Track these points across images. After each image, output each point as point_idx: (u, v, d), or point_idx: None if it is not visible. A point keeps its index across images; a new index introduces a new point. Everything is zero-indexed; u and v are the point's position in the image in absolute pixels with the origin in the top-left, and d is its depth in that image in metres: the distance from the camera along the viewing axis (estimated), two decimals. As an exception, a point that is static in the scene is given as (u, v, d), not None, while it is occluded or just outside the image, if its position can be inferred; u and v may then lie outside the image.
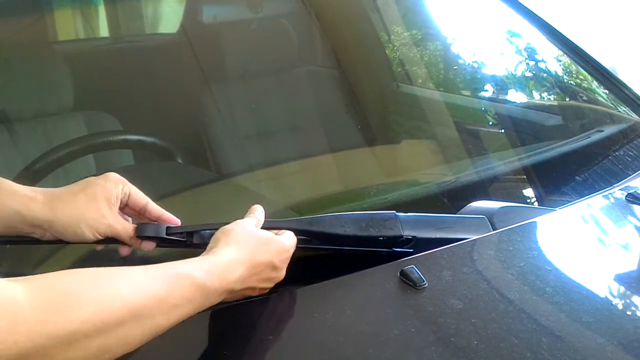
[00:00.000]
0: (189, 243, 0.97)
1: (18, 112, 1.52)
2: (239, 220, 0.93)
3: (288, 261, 0.94)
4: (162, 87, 1.68)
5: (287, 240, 0.95)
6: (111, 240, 0.95)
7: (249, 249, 0.88)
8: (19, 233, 0.93)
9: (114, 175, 0.96)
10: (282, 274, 0.93)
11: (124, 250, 0.98)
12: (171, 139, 1.52)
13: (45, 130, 1.53)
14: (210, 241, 0.90)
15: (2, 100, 1.51)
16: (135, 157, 1.55)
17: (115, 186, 0.95)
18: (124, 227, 0.95)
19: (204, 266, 0.82)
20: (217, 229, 0.92)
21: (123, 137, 1.56)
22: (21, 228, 0.92)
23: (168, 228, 0.97)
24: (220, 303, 0.86)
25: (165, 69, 1.76)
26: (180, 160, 1.53)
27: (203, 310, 0.83)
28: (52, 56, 1.70)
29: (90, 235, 0.92)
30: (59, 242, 0.95)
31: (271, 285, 0.93)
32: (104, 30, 1.94)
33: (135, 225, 0.96)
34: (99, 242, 0.95)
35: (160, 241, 0.97)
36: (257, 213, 0.97)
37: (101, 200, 0.93)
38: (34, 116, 1.55)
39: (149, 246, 0.97)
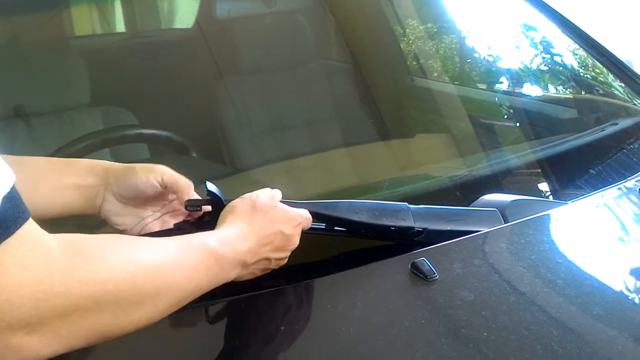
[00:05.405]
0: None
1: (35, 106, 1.54)
2: (246, 195, 0.93)
3: (300, 229, 0.93)
4: (177, 82, 1.70)
5: (295, 209, 0.94)
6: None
7: (255, 223, 0.88)
8: (80, 206, 0.94)
9: None
10: (295, 241, 0.92)
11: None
12: (186, 134, 1.53)
13: (62, 124, 1.55)
14: (219, 219, 0.90)
15: (20, 95, 1.53)
16: (150, 151, 1.57)
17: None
18: (181, 178, 0.96)
19: (213, 236, 0.83)
20: None
21: (138, 131, 1.57)
22: (85, 190, 0.94)
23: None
24: (235, 290, 0.88)
25: (181, 64, 1.77)
26: (195, 155, 1.54)
27: (219, 299, 0.85)
28: (69, 51, 1.72)
29: (144, 177, 0.94)
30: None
31: (286, 254, 0.92)
32: (120, 26, 1.96)
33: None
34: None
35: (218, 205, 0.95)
36: (275, 190, 0.97)
37: (159, 166, 0.97)
38: (51, 111, 1.57)
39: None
